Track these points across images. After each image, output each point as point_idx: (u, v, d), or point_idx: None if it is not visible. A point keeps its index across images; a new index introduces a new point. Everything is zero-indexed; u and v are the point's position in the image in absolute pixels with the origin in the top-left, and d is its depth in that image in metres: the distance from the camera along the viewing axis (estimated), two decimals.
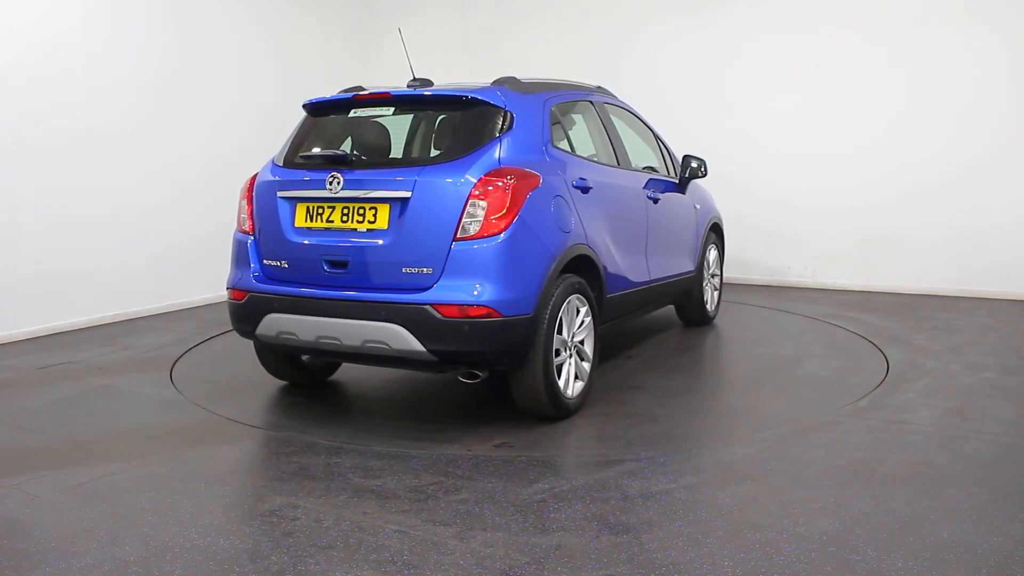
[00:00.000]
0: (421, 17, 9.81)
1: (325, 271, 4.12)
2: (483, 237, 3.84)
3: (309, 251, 4.16)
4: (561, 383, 4.18)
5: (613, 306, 4.82)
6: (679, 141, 6.70)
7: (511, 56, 9.25)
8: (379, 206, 4.01)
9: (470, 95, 4.23)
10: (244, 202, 4.52)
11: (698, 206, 6.20)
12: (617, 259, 4.80)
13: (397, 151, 4.31)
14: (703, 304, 6.35)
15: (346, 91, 4.58)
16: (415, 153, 4.27)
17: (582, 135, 5.25)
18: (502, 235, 3.85)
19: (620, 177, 5.09)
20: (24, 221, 6.31)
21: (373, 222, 4.02)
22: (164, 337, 6.38)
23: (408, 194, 3.93)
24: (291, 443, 4.00)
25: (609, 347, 5.84)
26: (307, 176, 4.25)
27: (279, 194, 4.31)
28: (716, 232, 6.61)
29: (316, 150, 4.35)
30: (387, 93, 4.38)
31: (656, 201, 5.41)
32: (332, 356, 4.46)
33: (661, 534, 2.95)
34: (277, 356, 4.78)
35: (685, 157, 5.92)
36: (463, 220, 3.85)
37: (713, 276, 6.59)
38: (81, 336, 6.44)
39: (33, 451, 3.98)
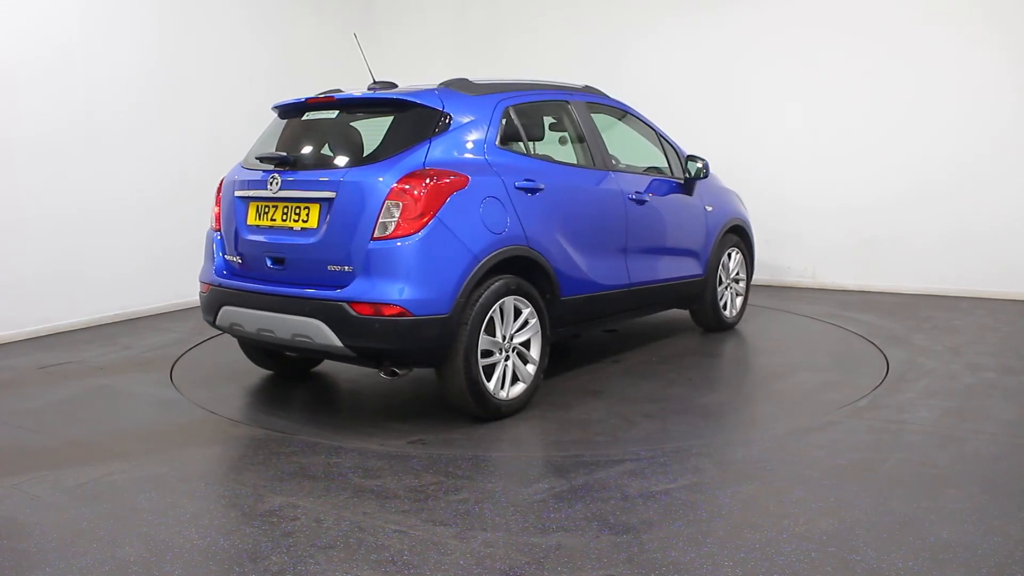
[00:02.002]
0: (421, 17, 9.82)
1: (268, 267, 4.34)
2: (398, 237, 3.93)
3: (257, 248, 4.40)
4: (491, 384, 4.20)
5: (575, 309, 4.76)
6: (679, 141, 6.69)
7: (511, 56, 9.26)
8: (311, 206, 4.18)
9: (407, 98, 4.34)
10: (215, 200, 4.79)
11: (710, 207, 6.00)
12: (578, 261, 4.73)
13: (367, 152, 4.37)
14: (718, 309, 6.13)
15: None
16: (349, 155, 4.39)
17: (550, 135, 5.22)
18: (417, 236, 3.93)
19: (587, 178, 4.99)
20: (24, 220, 6.32)
21: (306, 221, 4.19)
22: (164, 337, 6.38)
23: (333, 195, 4.09)
24: (291, 443, 4.00)
25: (601, 349, 5.84)
26: (257, 176, 4.46)
27: (235, 193, 4.56)
28: (739, 235, 6.37)
29: (264, 151, 4.54)
30: (331, 97, 4.54)
31: (642, 203, 5.27)
32: (274, 347, 4.72)
33: (661, 534, 2.95)
34: (255, 347, 5.03)
35: (688, 158, 5.85)
36: (380, 220, 3.95)
37: (737, 281, 6.39)
38: (81, 336, 6.45)
39: (33, 451, 3.98)
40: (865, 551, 2.80)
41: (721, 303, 6.19)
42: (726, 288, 6.26)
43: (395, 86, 4.69)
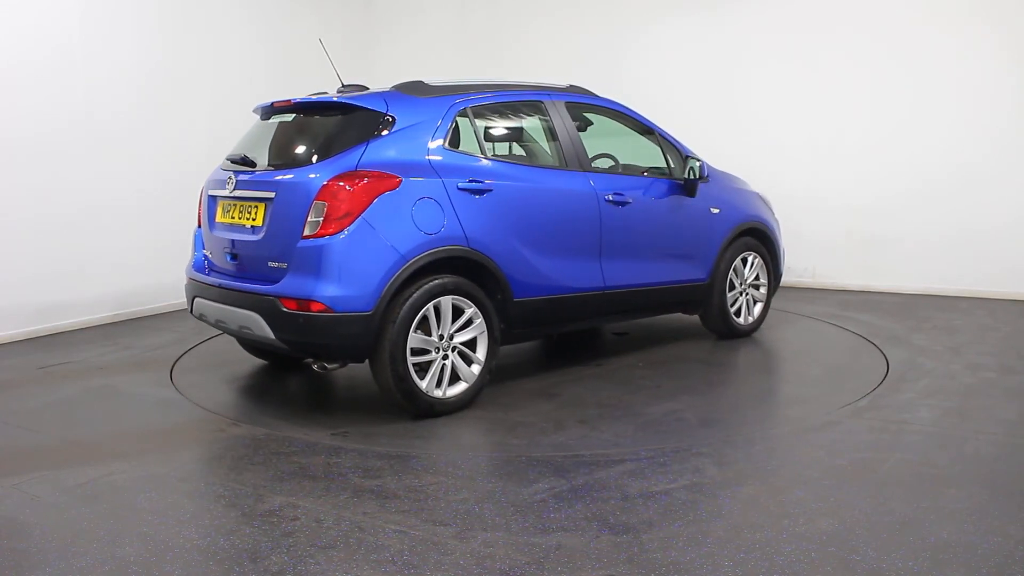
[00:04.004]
0: (421, 18, 9.82)
1: (228, 262, 4.59)
2: (322, 236, 4.07)
3: (220, 243, 4.64)
4: (424, 382, 4.24)
5: (534, 310, 4.73)
6: (679, 141, 6.68)
7: (511, 56, 9.25)
8: (258, 205, 4.39)
9: (352, 102, 4.47)
10: (198, 199, 5.04)
11: (715, 209, 5.72)
12: (535, 262, 4.68)
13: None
14: (727, 315, 5.87)
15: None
16: (295, 157, 4.50)
17: (517, 136, 5.27)
18: (340, 235, 4.05)
19: (550, 178, 4.91)
20: (24, 220, 6.32)
21: (255, 219, 4.39)
22: (164, 337, 6.38)
23: (272, 195, 4.29)
24: (291, 443, 4.00)
25: (597, 351, 5.82)
26: (223, 176, 4.67)
27: (208, 192, 4.83)
28: (757, 237, 6.06)
29: (234, 152, 4.75)
30: (289, 101, 4.70)
31: (622, 204, 5.14)
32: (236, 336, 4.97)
33: (661, 534, 2.95)
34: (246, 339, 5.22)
35: (686, 158, 5.70)
36: (309, 219, 4.11)
37: (757, 287, 6.09)
38: (81, 336, 6.44)
39: (33, 451, 3.98)
40: (865, 551, 2.80)
41: (734, 309, 5.94)
42: (740, 293, 6.00)
43: (366, 89, 4.78)
